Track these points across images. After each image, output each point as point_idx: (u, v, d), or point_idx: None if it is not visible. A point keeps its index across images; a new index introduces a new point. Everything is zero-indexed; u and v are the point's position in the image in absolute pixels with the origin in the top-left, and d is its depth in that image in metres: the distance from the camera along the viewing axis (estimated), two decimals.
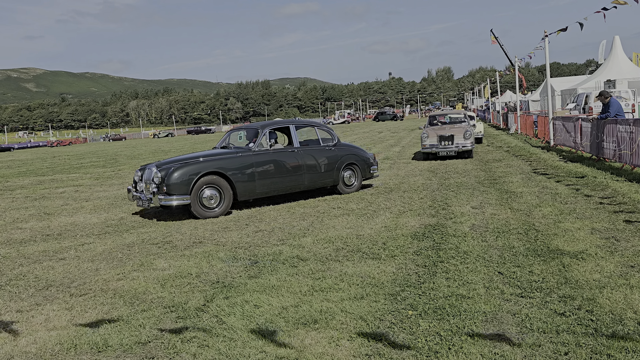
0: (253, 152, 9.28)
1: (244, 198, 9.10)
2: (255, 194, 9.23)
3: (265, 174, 9.27)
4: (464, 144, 15.37)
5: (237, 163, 9.02)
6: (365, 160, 10.73)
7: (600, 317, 3.70)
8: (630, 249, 5.26)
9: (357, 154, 10.67)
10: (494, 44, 62.43)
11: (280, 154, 9.59)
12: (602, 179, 9.58)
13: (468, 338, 3.52)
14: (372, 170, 10.86)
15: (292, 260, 5.69)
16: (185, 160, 8.93)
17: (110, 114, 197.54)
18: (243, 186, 8.98)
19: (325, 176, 10.09)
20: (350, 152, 10.58)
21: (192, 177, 8.48)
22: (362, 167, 10.64)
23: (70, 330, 4.14)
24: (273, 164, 9.41)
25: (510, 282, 4.55)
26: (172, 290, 4.98)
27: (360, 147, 11.26)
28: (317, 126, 10.77)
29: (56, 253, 6.89)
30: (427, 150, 15.72)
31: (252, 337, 3.77)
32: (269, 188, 9.37)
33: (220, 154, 9.22)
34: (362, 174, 10.64)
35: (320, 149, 10.15)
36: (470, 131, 15.48)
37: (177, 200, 8.40)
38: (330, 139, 10.48)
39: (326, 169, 10.07)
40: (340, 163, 10.25)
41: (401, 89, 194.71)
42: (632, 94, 22.15)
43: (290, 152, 9.74)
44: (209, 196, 8.66)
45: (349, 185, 10.44)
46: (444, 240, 6.10)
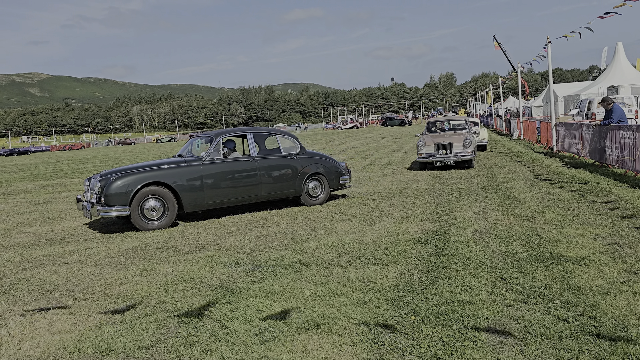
0: (203, 162, 8.91)
1: (191, 209, 8.75)
2: (204, 206, 8.85)
3: (216, 184, 8.87)
4: (463, 153, 14.25)
5: (183, 173, 8.64)
6: (333, 170, 10.17)
7: (603, 324, 3.70)
8: (634, 255, 5.25)
9: (324, 164, 10.12)
10: (497, 50, 62.54)
11: (233, 164, 9.18)
12: (605, 185, 9.57)
13: (471, 344, 3.52)
14: (341, 180, 10.31)
15: (295, 265, 5.69)
16: (128, 170, 8.58)
17: (113, 118, 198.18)
18: (189, 197, 8.60)
19: (286, 187, 9.62)
20: (316, 161, 10.04)
21: (132, 188, 8.17)
22: (330, 178, 10.09)
23: (73, 334, 4.15)
24: (225, 174, 8.99)
25: (513, 288, 4.55)
26: (175, 294, 4.99)
27: (330, 156, 10.67)
28: (279, 134, 10.18)
29: (59, 257, 6.92)
30: (423, 160, 14.66)
31: (254, 342, 3.77)
32: (221, 199, 8.97)
33: (167, 164, 8.85)
34: (330, 184, 10.11)
35: (281, 159, 9.67)
36: (470, 139, 14.36)
37: (117, 212, 8.11)
38: (293, 148, 9.96)
39: (286, 179, 9.61)
40: (303, 173, 9.77)
41: (404, 94, 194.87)
42: (635, 100, 22.13)
43: (246, 162, 9.30)
44: (150, 207, 8.32)
45: (313, 197, 9.95)
46: (447, 246, 6.10)
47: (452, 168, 14.62)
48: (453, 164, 14.39)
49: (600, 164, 12.30)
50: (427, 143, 14.68)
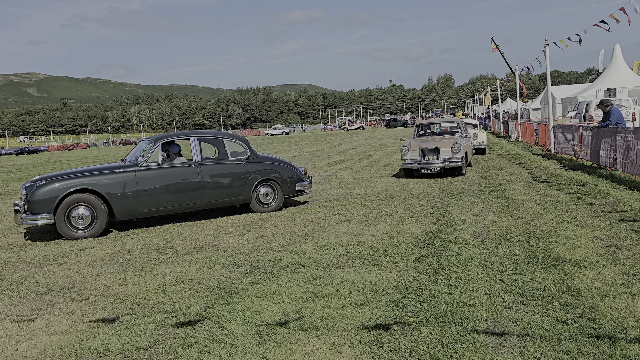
0: (138, 168, 8.54)
1: (124, 218, 8.43)
2: (138, 214, 8.51)
3: (152, 191, 8.49)
4: (451, 159, 12.84)
5: (114, 179, 8.30)
6: (287, 176, 9.70)
7: (602, 325, 3.70)
8: (632, 257, 5.26)
9: (278, 169, 9.66)
10: (495, 52, 62.66)
11: (172, 170, 8.78)
12: (603, 187, 9.59)
13: (470, 345, 3.52)
14: (298, 186, 9.85)
15: (293, 267, 5.68)
16: (55, 177, 8.25)
17: (111, 119, 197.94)
18: (121, 205, 8.25)
19: (232, 193, 9.20)
20: (268, 167, 9.59)
21: (57, 195, 7.86)
22: (284, 184, 9.64)
23: (71, 335, 4.14)
24: (162, 180, 8.61)
25: (512, 290, 4.54)
26: (173, 295, 4.97)
27: (287, 162, 10.21)
28: (227, 138, 9.64)
29: (57, 258, 6.89)
30: (407, 167, 13.28)
31: (253, 343, 3.76)
32: (157, 207, 8.59)
33: (100, 170, 8.54)
34: (284, 191, 9.66)
35: (227, 164, 9.23)
36: (459, 144, 12.93)
37: (42, 220, 7.82)
38: (242, 153, 9.52)
39: (233, 185, 9.19)
40: (252, 179, 9.34)
41: (402, 96, 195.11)
42: (632, 103, 22.19)
43: (187, 168, 8.90)
44: (77, 216, 7.98)
45: (264, 204, 9.53)
46: (445, 248, 6.10)
47: (440, 176, 13.27)
48: (440, 171, 13.01)
49: (598, 166, 12.33)
50: (412, 148, 13.31)
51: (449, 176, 13.03)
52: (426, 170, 13.06)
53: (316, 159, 23.10)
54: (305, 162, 21.51)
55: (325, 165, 19.70)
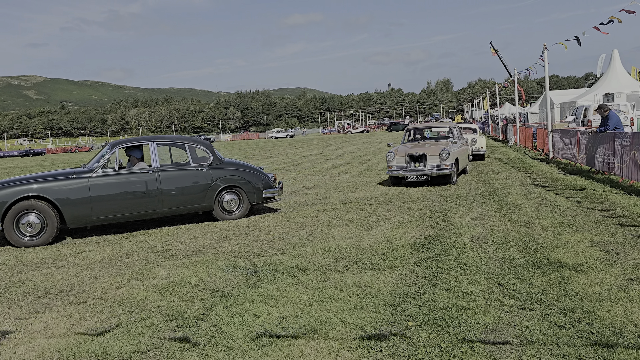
0: (92, 174, 8.34)
1: (76, 225, 8.24)
2: (91, 221, 8.31)
3: (106, 198, 8.29)
4: (439, 167, 12.04)
5: (66, 186, 8.10)
6: (254, 183, 9.38)
7: (600, 330, 3.70)
8: (630, 262, 5.27)
9: (244, 176, 9.33)
10: (493, 56, 62.81)
11: (128, 176, 8.57)
12: (601, 191, 9.61)
13: (468, 349, 3.52)
14: (266, 193, 9.49)
15: (292, 270, 5.68)
16: (6, 183, 8.07)
17: (110, 122, 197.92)
18: (73, 212, 8.07)
19: (193, 200, 8.93)
20: (233, 173, 9.26)
21: (5, 202, 7.72)
22: (249, 191, 9.31)
23: (69, 338, 4.13)
24: (118, 187, 8.42)
25: (510, 294, 4.55)
26: (172, 299, 4.97)
27: (255, 167, 9.86)
28: (189, 143, 9.33)
29: (55, 260, 6.88)
30: (393, 174, 12.50)
31: (251, 347, 3.76)
32: (112, 214, 8.39)
33: (52, 176, 8.33)
34: (250, 198, 9.34)
35: (188, 170, 8.97)
36: (448, 150, 12.11)
37: None
38: (205, 158, 9.21)
39: (194, 192, 8.91)
40: (215, 186, 9.05)
41: (401, 100, 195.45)
42: (630, 107, 22.25)
43: (143, 174, 8.65)
44: (27, 223, 7.82)
45: (228, 211, 9.24)
46: (444, 252, 6.10)
47: (427, 184, 12.51)
48: (427, 179, 12.14)
49: (596, 171, 12.35)
50: (398, 154, 12.52)
51: (438, 184, 12.30)
52: (412, 178, 12.26)
53: (315, 163, 23.11)
54: (304, 166, 21.53)
55: (324, 168, 19.71)
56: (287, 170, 19.68)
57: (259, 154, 34.61)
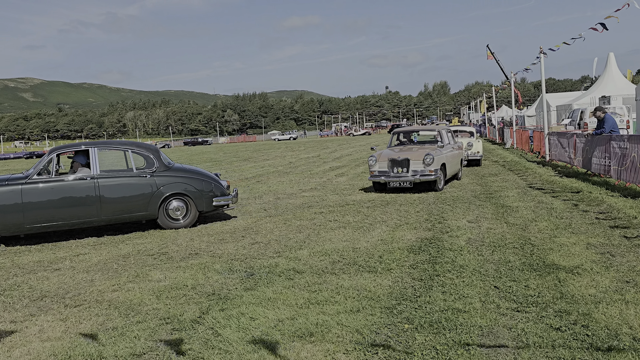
0: (26, 180, 8.12)
1: (7, 233, 8.04)
2: (23, 229, 8.10)
3: (40, 206, 8.07)
4: (423, 172, 11.44)
5: None
6: (203, 191, 8.97)
7: (595, 332, 3.71)
8: (626, 264, 5.28)
9: (191, 183, 8.92)
10: (490, 59, 62.98)
11: (65, 183, 8.31)
12: (597, 194, 9.64)
13: (464, 352, 3.52)
14: (216, 201, 9.09)
15: (288, 273, 5.68)
16: None
17: (107, 124, 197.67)
18: (3, 219, 7.90)
19: (135, 208, 8.62)
20: (179, 180, 8.88)
21: None
22: (197, 199, 8.91)
23: (64, 341, 4.12)
24: (52, 194, 8.16)
25: (506, 297, 4.56)
26: (168, 301, 4.96)
27: (206, 174, 9.45)
28: (132, 149, 9.03)
29: (51, 263, 6.87)
30: (375, 179, 11.93)
31: (247, 350, 3.75)
32: (46, 222, 8.15)
33: None
34: (198, 206, 8.94)
35: (129, 177, 8.66)
36: (432, 155, 11.45)
37: None
38: (149, 165, 8.90)
39: (135, 200, 8.60)
40: (159, 193, 8.69)
41: (398, 102, 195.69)
42: (626, 110, 22.34)
43: (81, 181, 8.36)
44: None
45: (175, 219, 8.87)
46: (440, 254, 6.11)
47: (410, 191, 11.93)
48: (410, 185, 11.52)
49: (592, 173, 12.39)
50: (381, 159, 11.99)
51: (422, 191, 11.70)
52: (395, 184, 11.65)
53: (312, 165, 23.12)
54: (301, 168, 21.53)
55: (321, 171, 19.72)
56: (284, 173, 19.68)
57: (256, 157, 34.60)
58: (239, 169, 23.40)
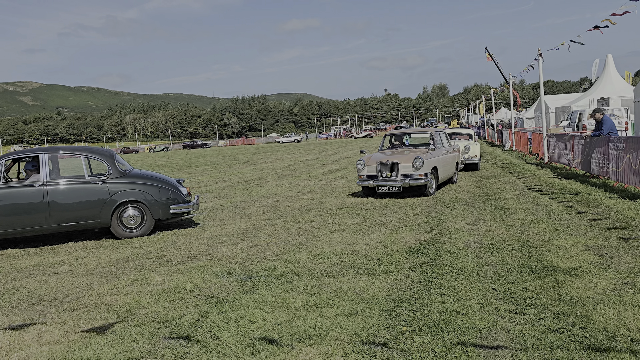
0: None
1: None
2: None
3: None
4: (412, 177, 11.08)
5: None
6: (159, 198, 8.70)
7: (593, 334, 3.71)
8: (624, 265, 5.29)
9: (146, 190, 8.65)
10: (489, 61, 63.08)
11: (12, 190, 8.13)
12: (596, 196, 9.65)
13: (462, 354, 3.52)
14: (174, 209, 8.82)
15: (287, 276, 5.68)
16: None
17: (106, 127, 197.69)
18: None
19: (86, 216, 8.39)
20: (134, 187, 8.62)
21: None
22: (153, 206, 8.64)
23: (63, 345, 4.11)
24: (0, 201, 8.02)
25: (505, 299, 4.56)
26: (166, 305, 4.96)
27: (165, 180, 9.18)
28: (86, 155, 8.76)
29: (49, 267, 6.86)
30: (363, 184, 11.61)
31: (246, 353, 3.75)
32: None
33: None
34: (154, 214, 8.66)
35: (80, 184, 8.40)
36: (422, 158, 11.08)
37: None
38: (102, 171, 8.71)
39: (87, 207, 8.36)
40: (112, 201, 8.44)
41: (397, 105, 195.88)
42: (625, 112, 22.37)
43: (29, 188, 8.17)
44: None
45: (129, 227, 8.61)
46: (439, 256, 6.12)
47: (399, 196, 11.61)
48: (399, 189, 11.25)
49: (591, 175, 12.41)
50: (369, 163, 11.57)
51: (412, 196, 11.36)
52: (384, 189, 11.37)
53: (311, 168, 23.13)
54: (300, 171, 21.54)
55: (320, 174, 19.72)
56: (283, 176, 19.69)
57: (255, 160, 34.61)
58: (238, 172, 23.40)
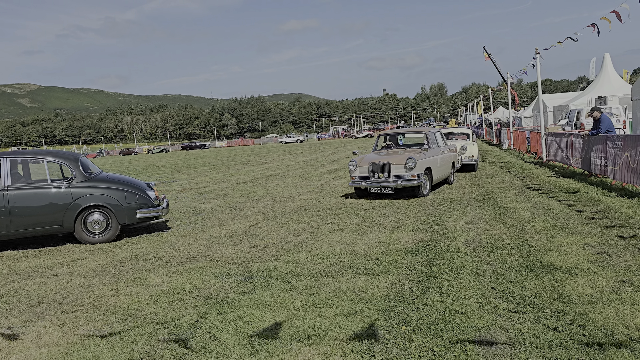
0: None
1: None
2: None
3: None
4: (405, 177, 10.90)
5: None
6: (125, 203, 8.52)
7: (592, 332, 3.72)
8: (622, 264, 5.30)
9: (111, 195, 8.47)
10: (487, 61, 63.09)
11: None
12: (594, 194, 9.66)
13: (461, 353, 3.52)
14: (140, 213, 8.63)
15: (286, 276, 5.68)
16: None
17: (104, 129, 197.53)
18: None
19: (49, 221, 8.23)
20: (98, 191, 8.43)
21: None
22: (119, 211, 8.47)
23: (61, 347, 4.11)
24: None
25: (503, 297, 4.56)
26: (165, 306, 4.95)
27: (132, 184, 8.96)
28: (50, 159, 8.57)
29: (48, 269, 6.85)
30: (355, 185, 11.45)
31: (245, 353, 3.75)
32: None
33: None
34: (119, 219, 8.48)
35: (43, 189, 8.26)
36: (414, 159, 10.88)
37: None
38: (66, 175, 8.59)
39: (49, 212, 8.21)
40: (75, 206, 8.27)
41: (395, 104, 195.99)
42: (622, 110, 22.40)
43: None
44: None
45: (93, 233, 8.43)
46: (438, 256, 6.12)
47: (398, 196, 11.46)
48: (391, 191, 11.06)
49: (589, 174, 12.42)
50: (361, 164, 11.41)
51: (405, 197, 11.17)
52: (376, 190, 11.16)
53: (310, 168, 23.13)
54: (299, 172, 21.54)
55: (319, 174, 19.73)
56: (282, 176, 19.69)
57: (254, 160, 34.60)
58: (237, 173, 23.39)
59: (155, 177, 24.32)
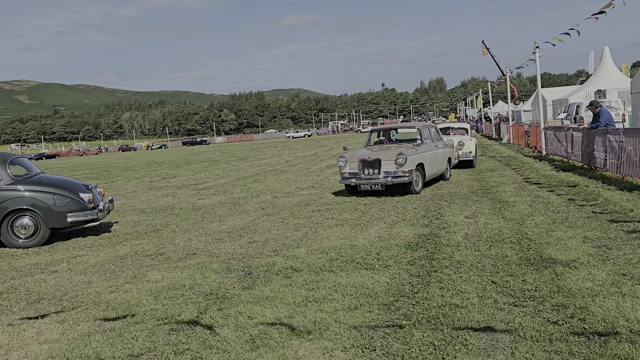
0: None
1: None
2: None
3: None
4: (395, 174, 10.64)
5: None
6: (52, 207, 8.24)
7: (592, 326, 3.72)
8: (622, 257, 5.30)
9: (38, 198, 8.22)
10: (485, 55, 62.98)
11: None
12: (594, 188, 9.65)
13: (462, 347, 3.52)
14: (71, 217, 8.35)
15: (286, 271, 5.68)
16: None
17: (103, 125, 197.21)
18: None
19: None
20: (26, 195, 8.21)
21: None
22: (47, 215, 8.20)
23: (62, 343, 4.11)
24: None
25: (504, 291, 4.56)
26: (165, 302, 4.95)
27: (65, 187, 8.63)
28: None
29: (48, 266, 6.85)
30: (345, 182, 11.20)
31: (245, 349, 3.75)
32: None
33: None
34: (48, 223, 8.21)
35: None
36: (405, 155, 10.61)
37: None
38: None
39: None
40: (1, 209, 8.08)
41: (394, 99, 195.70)
42: (622, 104, 22.38)
43: None
44: None
45: (19, 237, 8.19)
46: (438, 250, 6.12)
47: (382, 194, 11.17)
48: (382, 187, 10.76)
49: (589, 167, 12.41)
50: (351, 160, 11.16)
51: (396, 194, 10.91)
52: (366, 187, 10.91)
53: (309, 163, 23.11)
54: (298, 167, 21.52)
55: (319, 169, 19.71)
56: (282, 172, 19.67)
57: (253, 156, 34.58)
58: (237, 168, 23.38)
59: (155, 173, 24.30)
